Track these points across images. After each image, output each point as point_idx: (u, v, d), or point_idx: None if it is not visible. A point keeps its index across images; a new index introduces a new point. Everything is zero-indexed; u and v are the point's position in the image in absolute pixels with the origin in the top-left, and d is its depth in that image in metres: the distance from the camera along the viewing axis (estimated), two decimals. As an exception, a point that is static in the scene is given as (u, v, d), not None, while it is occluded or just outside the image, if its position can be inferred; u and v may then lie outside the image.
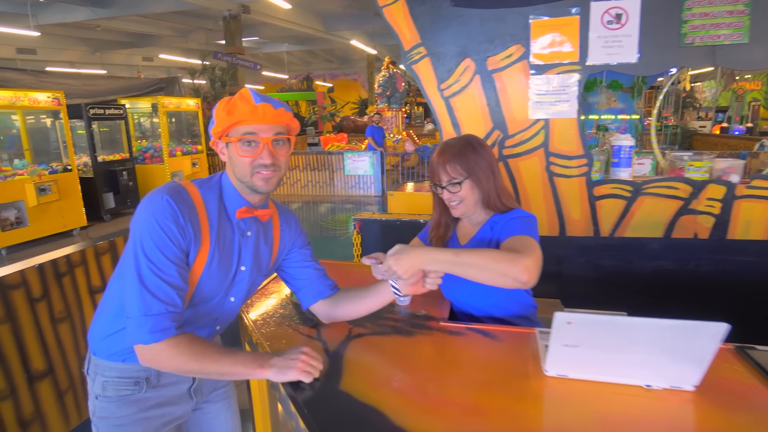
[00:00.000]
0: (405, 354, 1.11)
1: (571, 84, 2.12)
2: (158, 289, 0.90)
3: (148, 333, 0.89)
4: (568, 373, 0.97)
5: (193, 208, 0.98)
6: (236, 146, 0.99)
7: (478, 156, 1.29)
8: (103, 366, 1.04)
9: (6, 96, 5.60)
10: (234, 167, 1.02)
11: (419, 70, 2.26)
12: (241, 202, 1.05)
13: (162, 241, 0.92)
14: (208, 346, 0.95)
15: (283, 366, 0.95)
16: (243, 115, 0.96)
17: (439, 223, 1.43)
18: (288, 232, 1.20)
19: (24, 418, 2.07)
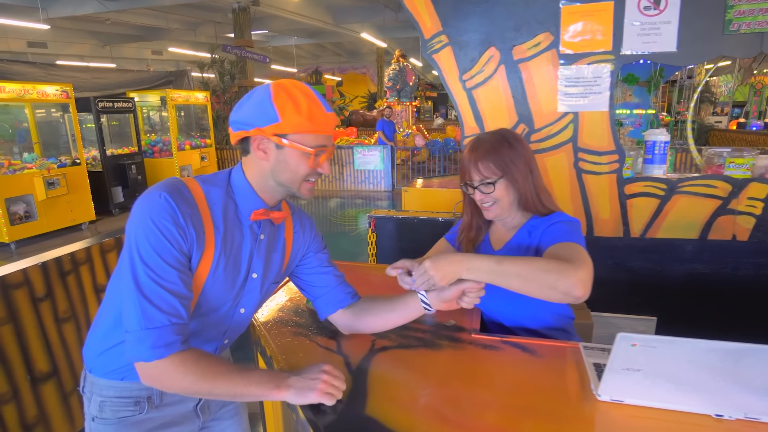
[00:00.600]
0: (435, 371, 1.00)
1: (603, 75, 1.98)
2: (159, 298, 0.80)
3: (150, 349, 0.78)
4: (624, 398, 0.85)
5: (195, 207, 0.87)
6: (297, 153, 0.90)
7: (513, 152, 1.17)
8: (99, 385, 0.95)
9: (15, 89, 5.55)
10: (279, 171, 0.92)
11: (440, 59, 2.14)
12: (257, 203, 0.95)
13: (160, 244, 0.81)
14: (218, 364, 0.85)
15: (303, 387, 0.85)
16: (320, 125, 0.89)
17: (470, 226, 1.31)
18: (302, 235, 1.10)
19: (27, 421, 2.00)
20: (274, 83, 0.90)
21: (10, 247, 5.45)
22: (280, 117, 0.86)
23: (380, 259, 2.54)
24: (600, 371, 0.94)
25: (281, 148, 0.89)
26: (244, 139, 0.92)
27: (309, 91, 0.90)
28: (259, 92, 0.89)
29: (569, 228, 1.11)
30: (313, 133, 0.89)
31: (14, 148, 6.26)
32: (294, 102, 0.87)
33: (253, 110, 0.88)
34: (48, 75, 7.39)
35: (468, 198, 1.27)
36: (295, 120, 0.87)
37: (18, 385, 1.96)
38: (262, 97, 0.88)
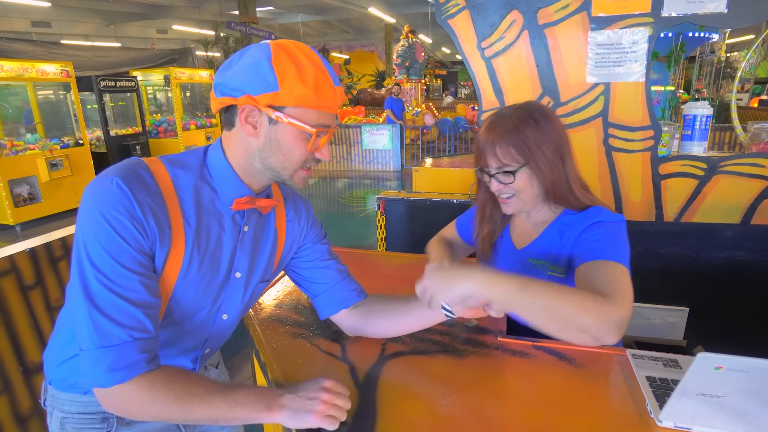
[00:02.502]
0: (456, 382, 0.84)
1: (639, 41, 1.77)
2: (116, 310, 0.65)
3: (108, 372, 0.64)
4: (693, 425, 0.69)
5: (158, 195, 0.71)
6: (295, 132, 0.73)
7: (540, 134, 0.95)
8: (60, 399, 0.82)
9: (13, 67, 5.41)
10: (269, 152, 0.75)
11: (456, 25, 1.93)
12: (240, 189, 0.78)
13: (114, 243, 0.65)
14: (194, 384, 0.70)
15: (299, 409, 0.70)
16: (327, 101, 0.73)
17: (488, 217, 1.13)
18: (296, 223, 0.93)
19: (21, 414, 1.91)
20: (274, 42, 0.72)
21: (15, 230, 5.39)
22: (279, 85, 0.69)
23: (389, 243, 2.39)
24: (656, 387, 0.78)
25: (275, 124, 0.72)
26: (229, 108, 0.75)
27: (316, 58, 0.72)
28: (254, 51, 0.71)
29: (610, 234, 0.91)
30: (318, 110, 0.73)
31: (21, 129, 6.15)
32: (298, 68, 0.69)
33: (246, 73, 0.70)
34: (49, 53, 7.23)
35: (484, 186, 1.08)
36: (297, 91, 0.69)
37: (10, 377, 1.87)
38: (258, 57, 0.70)
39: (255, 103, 0.70)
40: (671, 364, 0.85)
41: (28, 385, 1.93)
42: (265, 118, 0.72)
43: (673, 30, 4.16)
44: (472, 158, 3.79)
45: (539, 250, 1.05)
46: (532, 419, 0.75)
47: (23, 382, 1.91)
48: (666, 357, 0.87)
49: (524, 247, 1.08)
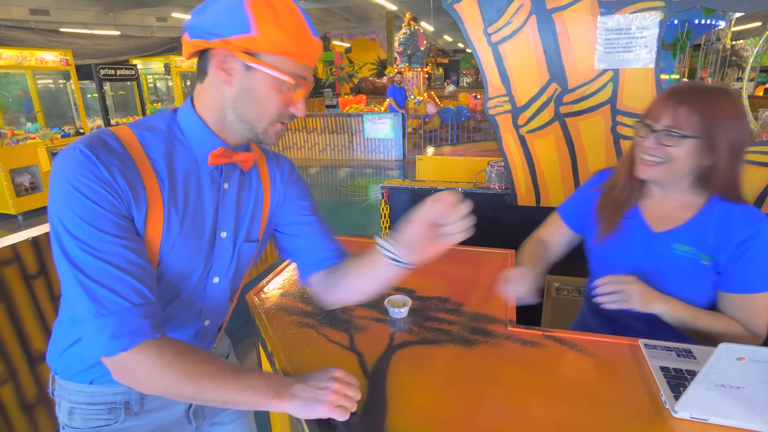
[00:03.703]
0: (467, 373, 0.83)
1: (649, 25, 1.73)
2: (107, 276, 0.63)
3: (111, 339, 0.62)
4: (709, 416, 0.68)
5: (126, 156, 0.67)
6: (271, 81, 0.69)
7: (732, 121, 0.87)
8: (68, 389, 0.80)
9: (12, 55, 5.35)
10: (244, 102, 0.71)
11: (462, 10, 1.89)
12: (215, 142, 0.74)
13: (88, 210, 0.63)
14: (206, 362, 0.68)
15: (309, 398, 0.68)
16: (305, 50, 0.70)
17: (622, 185, 1.02)
18: (279, 180, 0.89)
19: (27, 402, 1.92)
20: None
21: (17, 219, 5.39)
22: (255, 29, 0.65)
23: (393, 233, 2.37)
24: (670, 377, 0.77)
25: (251, 71, 0.68)
26: (203, 54, 0.71)
27: (294, 6, 0.69)
28: None
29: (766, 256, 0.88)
30: (295, 60, 0.69)
31: (21, 119, 6.12)
32: (275, 13, 0.66)
33: (221, 15, 0.66)
34: (48, 41, 7.15)
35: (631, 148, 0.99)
36: (274, 36, 0.66)
37: (15, 366, 1.87)
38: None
39: (229, 47, 0.66)
40: (685, 354, 0.84)
41: (33, 373, 1.93)
42: (240, 64, 0.68)
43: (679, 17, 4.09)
44: (474, 147, 3.75)
45: (688, 236, 0.96)
46: (545, 410, 0.74)
47: (28, 371, 1.91)
48: (679, 347, 0.86)
49: (666, 231, 0.99)
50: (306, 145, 8.96)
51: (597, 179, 1.14)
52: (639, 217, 1.03)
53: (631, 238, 1.02)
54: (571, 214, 1.20)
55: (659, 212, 1.01)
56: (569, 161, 1.98)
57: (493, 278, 1.23)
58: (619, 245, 1.04)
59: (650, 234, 1.01)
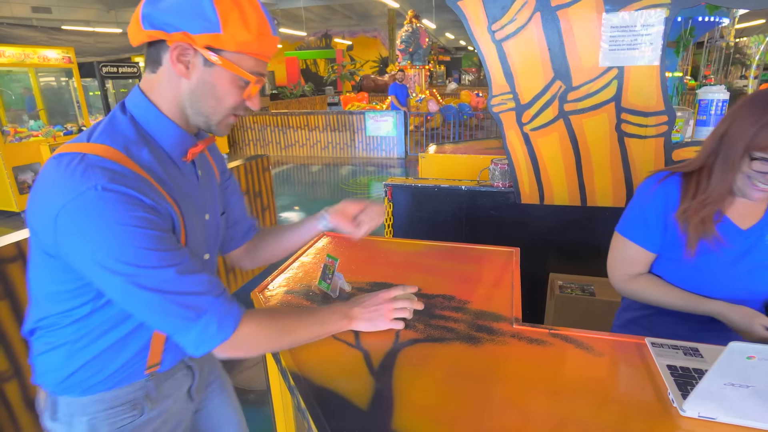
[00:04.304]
0: (473, 372, 0.83)
1: (655, 22, 1.72)
2: (189, 284, 0.69)
3: (219, 329, 0.71)
4: (718, 415, 0.68)
5: (139, 178, 0.67)
6: (230, 78, 0.71)
7: None
8: (81, 404, 0.78)
9: (15, 53, 5.36)
10: (201, 96, 0.72)
11: (466, 7, 1.88)
12: (188, 140, 0.78)
13: (150, 239, 0.65)
14: (289, 314, 0.85)
15: (370, 318, 0.92)
16: (267, 48, 0.72)
17: (716, 199, 0.99)
18: (216, 161, 0.96)
19: (31, 398, 1.93)
20: None
21: (20, 216, 5.40)
22: (221, 27, 0.66)
23: (397, 230, 2.37)
24: (677, 376, 0.77)
25: (211, 67, 0.69)
26: (156, 44, 0.70)
27: (256, 2, 0.71)
28: None
29: None
30: (256, 57, 0.72)
31: (23, 116, 6.13)
32: (241, 12, 0.67)
33: (184, 9, 0.65)
34: (50, 39, 7.13)
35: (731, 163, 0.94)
36: (241, 35, 0.67)
37: (20, 363, 1.87)
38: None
39: (192, 42, 0.66)
40: (692, 352, 0.84)
41: (37, 370, 1.94)
42: (201, 59, 0.69)
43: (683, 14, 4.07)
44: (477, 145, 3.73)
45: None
46: (552, 408, 0.73)
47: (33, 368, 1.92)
48: (686, 346, 0.86)
49: (754, 226, 1.00)
50: (308, 143, 8.95)
51: (657, 193, 1.07)
52: (727, 220, 1.02)
53: (727, 242, 1.01)
54: (653, 239, 1.09)
55: (740, 210, 1.01)
56: (573, 159, 1.98)
57: (498, 276, 1.23)
58: (717, 253, 1.01)
59: (740, 232, 1.01)
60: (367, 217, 1.05)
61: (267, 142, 9.22)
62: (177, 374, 0.89)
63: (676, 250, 1.05)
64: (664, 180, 1.06)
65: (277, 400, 1.20)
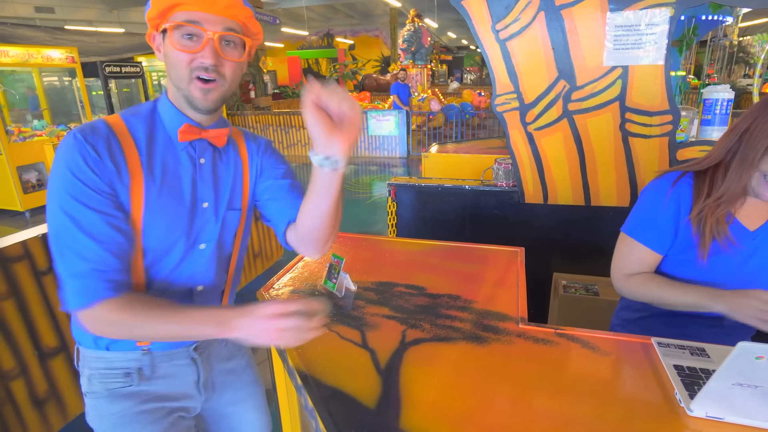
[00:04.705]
0: (480, 371, 0.83)
1: (660, 22, 1.72)
2: (81, 245, 0.73)
3: (74, 297, 0.73)
4: (725, 415, 0.68)
5: (113, 138, 0.77)
6: (171, 37, 0.75)
7: None
8: (89, 357, 0.88)
9: (19, 53, 5.38)
10: (170, 68, 0.78)
11: (470, 6, 1.88)
12: (180, 120, 0.82)
13: (78, 190, 0.73)
14: (154, 305, 0.76)
15: (253, 334, 0.71)
16: None
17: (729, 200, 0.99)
18: (257, 155, 0.96)
19: (38, 397, 1.94)
20: None
21: (24, 216, 5.42)
22: (150, 1, 0.75)
23: (400, 230, 2.37)
24: (684, 376, 0.77)
25: (165, 39, 0.76)
26: None
27: None
28: None
29: None
30: (181, 9, 0.74)
31: (27, 116, 6.15)
32: None
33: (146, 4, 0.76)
34: (54, 39, 7.16)
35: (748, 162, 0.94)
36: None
37: (26, 361, 1.88)
38: None
39: (150, 27, 0.78)
40: (698, 352, 0.84)
41: (43, 368, 1.95)
42: (159, 37, 0.78)
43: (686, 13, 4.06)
44: (479, 144, 3.72)
45: None
46: (558, 408, 0.74)
47: (39, 366, 1.93)
48: (693, 345, 0.86)
49: (761, 226, 1.01)
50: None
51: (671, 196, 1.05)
52: (736, 221, 1.02)
53: (739, 243, 1.01)
54: (662, 240, 1.08)
55: (747, 211, 1.02)
56: (577, 159, 1.98)
57: (503, 276, 1.23)
58: (728, 254, 1.01)
59: (749, 233, 1.01)
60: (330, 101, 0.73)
61: (269, 141, 9.23)
62: (177, 361, 0.91)
63: (688, 252, 1.05)
64: (677, 182, 1.05)
65: (282, 399, 1.21)
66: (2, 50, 5.22)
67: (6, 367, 1.80)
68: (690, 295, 0.99)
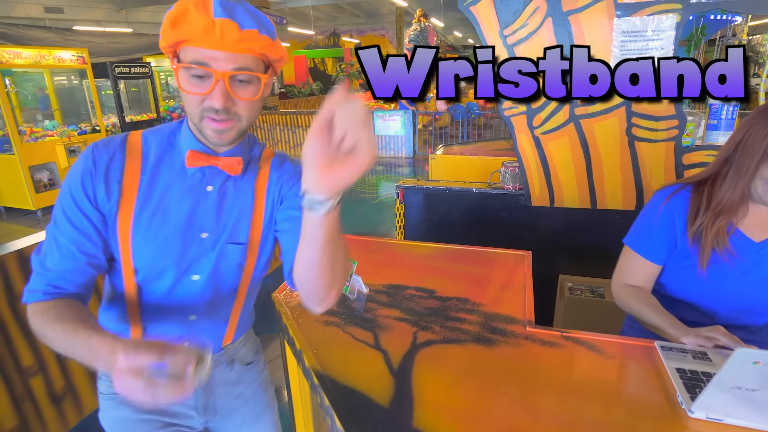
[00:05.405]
0: (489, 372, 0.87)
1: (666, 27, 1.74)
2: (49, 247, 0.76)
3: (25, 293, 0.75)
4: (724, 417, 0.71)
5: (119, 154, 0.77)
6: (179, 77, 0.70)
7: None
8: None
9: (31, 54, 5.46)
10: (184, 102, 0.74)
11: (478, 12, 1.91)
12: (194, 146, 0.78)
13: (66, 201, 0.75)
14: (65, 317, 0.70)
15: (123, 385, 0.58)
16: (192, 33, 0.66)
17: (729, 207, 0.99)
18: (276, 184, 0.85)
19: (56, 393, 1.99)
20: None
21: (36, 215, 5.51)
22: (160, 31, 0.70)
23: (408, 232, 2.41)
24: (686, 379, 0.80)
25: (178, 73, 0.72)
26: None
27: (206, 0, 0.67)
28: None
29: None
30: (189, 45, 0.68)
31: (38, 116, 6.24)
32: (174, 9, 0.68)
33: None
34: (64, 40, 7.26)
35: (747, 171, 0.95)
36: (163, 27, 0.68)
37: (45, 359, 1.94)
38: None
39: (166, 53, 0.74)
40: (700, 356, 0.87)
41: (61, 366, 2.00)
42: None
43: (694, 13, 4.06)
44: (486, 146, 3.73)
45: None
46: (564, 408, 0.77)
47: (57, 363, 1.99)
48: (695, 349, 0.89)
49: (764, 240, 1.00)
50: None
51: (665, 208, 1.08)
52: (739, 233, 1.02)
53: (739, 255, 1.01)
54: (658, 252, 1.10)
55: (753, 222, 1.01)
56: (584, 163, 2.00)
57: (510, 279, 1.26)
58: (729, 265, 1.01)
59: (754, 245, 1.01)
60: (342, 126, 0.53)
61: (276, 141, 9.30)
62: None
63: (686, 261, 1.06)
64: (673, 195, 1.07)
65: (296, 396, 1.25)
66: (15, 52, 5.30)
67: (26, 364, 1.86)
68: (658, 319, 1.00)
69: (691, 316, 1.06)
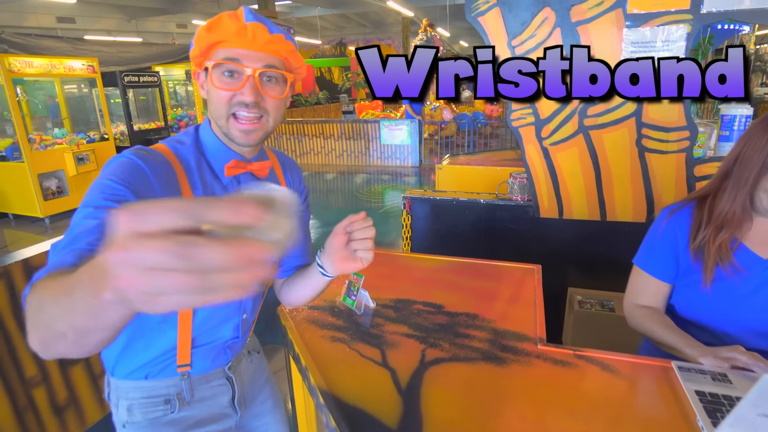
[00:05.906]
0: (499, 392, 0.84)
1: (677, 38, 1.72)
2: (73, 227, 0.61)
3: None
4: (748, 444, 0.68)
5: (166, 163, 0.74)
6: (212, 75, 0.74)
7: None
8: (124, 388, 0.86)
9: (42, 63, 5.54)
10: (210, 106, 0.78)
11: (486, 23, 1.90)
12: (229, 155, 0.81)
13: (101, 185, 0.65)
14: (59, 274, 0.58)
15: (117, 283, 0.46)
16: (226, 35, 0.74)
17: (731, 221, 0.98)
18: (290, 185, 0.95)
19: (58, 404, 1.98)
20: None
21: (44, 222, 5.55)
22: (193, 41, 0.76)
23: (415, 243, 2.38)
24: (706, 402, 0.77)
25: (206, 77, 0.76)
26: None
27: (239, 9, 0.75)
28: None
29: None
30: (222, 47, 0.74)
31: (47, 124, 6.31)
32: (209, 21, 0.75)
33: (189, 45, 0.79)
34: (75, 49, 7.34)
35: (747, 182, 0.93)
36: (199, 35, 0.75)
37: (47, 370, 1.93)
38: None
39: (194, 65, 0.79)
40: (720, 378, 0.84)
41: (64, 376, 1.99)
42: (202, 75, 0.78)
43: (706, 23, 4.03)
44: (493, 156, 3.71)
45: None
46: (579, 431, 0.74)
47: (60, 374, 1.97)
48: (714, 371, 0.86)
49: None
50: (323, 150, 9.03)
51: (667, 225, 1.07)
52: (744, 248, 1.00)
53: (746, 271, 0.99)
54: (665, 269, 1.08)
55: (761, 238, 0.99)
56: (593, 174, 1.98)
57: (520, 294, 1.23)
58: (735, 281, 0.99)
59: (762, 261, 0.98)
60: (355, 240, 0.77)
61: (283, 150, 9.34)
62: (213, 382, 0.92)
63: (691, 277, 1.04)
64: (675, 212, 1.06)
65: (300, 411, 1.22)
66: (27, 61, 5.37)
67: (29, 375, 1.85)
68: (673, 338, 0.97)
69: (703, 338, 1.02)
